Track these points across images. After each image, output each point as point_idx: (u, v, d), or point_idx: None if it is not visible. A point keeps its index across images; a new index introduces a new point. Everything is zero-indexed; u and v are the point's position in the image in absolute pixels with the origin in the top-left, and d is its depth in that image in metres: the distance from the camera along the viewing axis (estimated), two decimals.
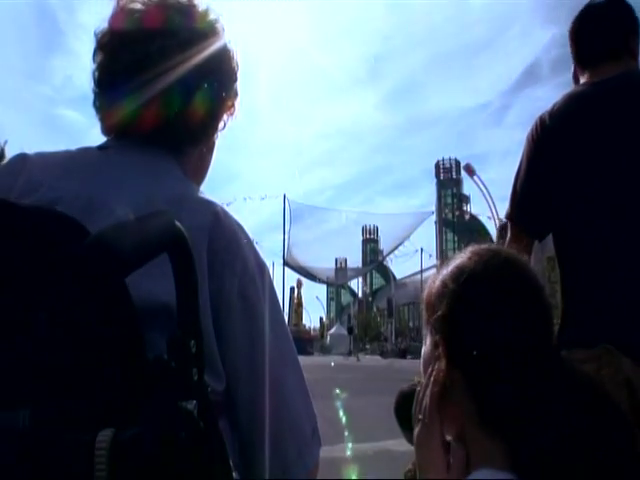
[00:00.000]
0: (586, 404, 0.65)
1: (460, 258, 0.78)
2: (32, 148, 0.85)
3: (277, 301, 0.82)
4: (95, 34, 0.85)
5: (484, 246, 0.79)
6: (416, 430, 0.78)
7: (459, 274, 0.74)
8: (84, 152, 0.85)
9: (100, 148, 0.86)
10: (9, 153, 18.61)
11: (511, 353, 0.68)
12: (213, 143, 0.97)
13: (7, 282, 0.57)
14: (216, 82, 0.88)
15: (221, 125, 0.94)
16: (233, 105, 0.94)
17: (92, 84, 0.86)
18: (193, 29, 0.85)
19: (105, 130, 0.88)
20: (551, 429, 0.63)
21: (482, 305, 0.71)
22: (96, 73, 0.85)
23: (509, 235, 1.64)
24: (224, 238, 0.75)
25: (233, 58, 0.92)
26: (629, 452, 0.63)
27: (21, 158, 0.81)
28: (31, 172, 0.77)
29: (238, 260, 0.76)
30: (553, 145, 1.57)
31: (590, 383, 0.68)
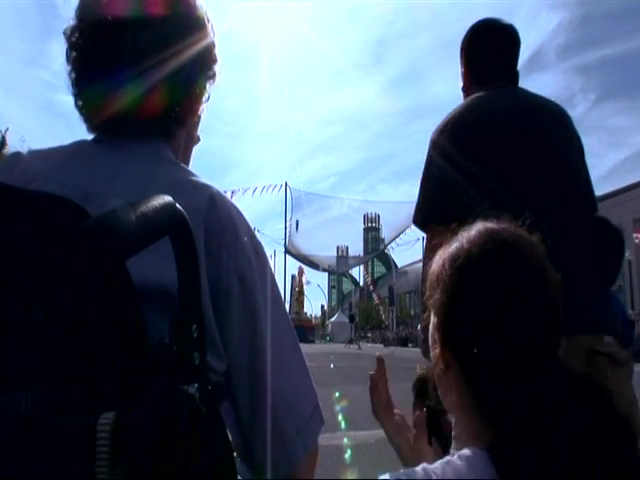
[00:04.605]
0: (579, 402, 0.64)
1: (462, 237, 0.76)
2: (32, 134, 0.85)
3: (274, 282, 0.83)
4: (65, 34, 0.82)
5: (489, 225, 0.76)
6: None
7: (456, 257, 0.73)
8: (78, 146, 0.85)
9: (95, 141, 0.86)
10: (10, 140, 18.59)
11: (504, 343, 0.68)
12: (199, 117, 0.96)
13: (8, 265, 0.57)
14: (202, 69, 0.88)
15: (205, 97, 0.93)
16: (214, 74, 0.92)
17: (70, 86, 0.83)
18: (189, 18, 0.84)
19: (92, 128, 0.87)
20: (541, 425, 0.62)
21: (476, 293, 0.70)
22: (73, 74, 0.83)
23: (427, 241, 1.64)
24: (220, 221, 0.76)
25: (211, 32, 0.90)
26: (628, 458, 0.62)
27: (15, 157, 0.82)
28: (24, 168, 0.78)
29: (235, 242, 0.76)
30: (461, 145, 1.60)
31: (586, 381, 0.67)
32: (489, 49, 1.76)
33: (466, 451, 0.66)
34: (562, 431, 0.61)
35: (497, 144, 1.57)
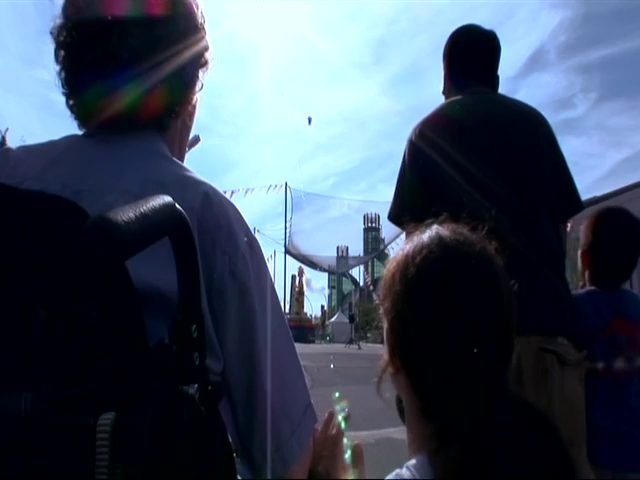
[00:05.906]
0: (524, 430, 0.65)
1: (414, 244, 0.76)
2: (33, 134, 0.85)
3: (269, 278, 0.82)
4: (52, 33, 0.81)
5: (443, 233, 0.76)
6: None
7: (405, 272, 0.74)
8: (69, 141, 0.84)
9: (86, 136, 0.84)
10: (10, 140, 18.59)
11: (448, 358, 0.69)
12: (194, 107, 0.94)
13: (7, 266, 0.57)
14: (194, 63, 0.87)
15: (199, 86, 0.91)
16: (207, 61, 0.91)
17: (60, 86, 0.82)
18: (180, 14, 0.83)
19: (84, 125, 0.86)
20: (484, 448, 0.62)
21: (422, 310, 0.71)
22: (63, 73, 0.82)
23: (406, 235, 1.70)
24: (214, 217, 0.75)
25: (201, 23, 0.88)
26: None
27: (4, 154, 0.80)
28: (14, 166, 0.77)
29: (229, 240, 0.75)
30: (435, 146, 1.67)
31: (532, 410, 0.68)
32: (468, 55, 1.82)
33: (413, 461, 0.68)
34: (505, 458, 0.61)
35: (466, 144, 1.62)
